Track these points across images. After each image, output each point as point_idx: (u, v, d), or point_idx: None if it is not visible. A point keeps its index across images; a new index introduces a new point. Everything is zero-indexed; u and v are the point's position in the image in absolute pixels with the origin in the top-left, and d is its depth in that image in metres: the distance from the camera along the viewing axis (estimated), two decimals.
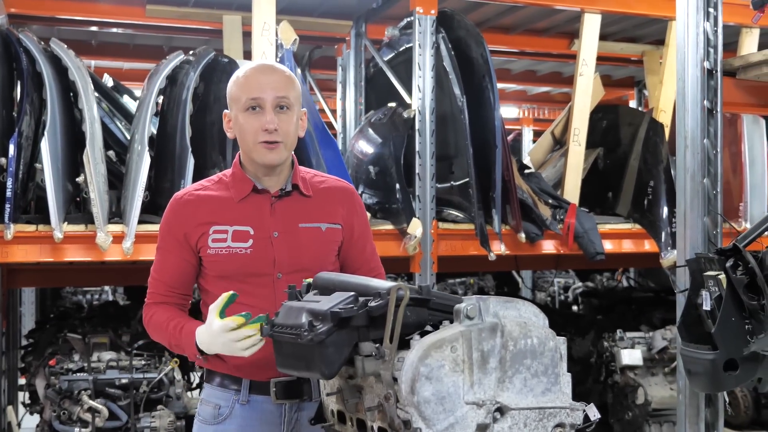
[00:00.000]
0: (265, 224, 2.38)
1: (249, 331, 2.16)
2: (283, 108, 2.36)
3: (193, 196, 2.43)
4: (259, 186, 2.41)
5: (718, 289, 2.80)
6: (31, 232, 4.12)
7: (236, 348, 2.17)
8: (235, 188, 2.42)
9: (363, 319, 1.83)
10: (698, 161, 3.40)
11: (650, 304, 6.60)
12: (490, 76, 4.68)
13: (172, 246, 2.41)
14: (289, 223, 2.40)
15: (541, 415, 1.76)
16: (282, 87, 2.36)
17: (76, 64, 4.27)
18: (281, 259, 2.36)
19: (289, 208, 2.42)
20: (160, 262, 2.44)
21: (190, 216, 2.39)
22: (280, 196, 2.42)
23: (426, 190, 4.75)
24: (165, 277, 2.42)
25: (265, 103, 2.33)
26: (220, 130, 4.42)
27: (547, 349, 1.78)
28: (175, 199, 2.44)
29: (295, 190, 2.43)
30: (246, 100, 2.34)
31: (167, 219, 2.43)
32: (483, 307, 1.75)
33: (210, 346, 2.23)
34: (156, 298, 2.44)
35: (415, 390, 1.68)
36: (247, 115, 2.35)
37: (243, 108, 2.35)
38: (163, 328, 2.37)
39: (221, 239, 2.36)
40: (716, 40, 3.41)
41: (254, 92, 2.34)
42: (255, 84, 2.35)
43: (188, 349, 2.31)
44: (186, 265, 2.40)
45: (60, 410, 4.34)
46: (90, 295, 9.32)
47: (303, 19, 5.61)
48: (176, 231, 2.40)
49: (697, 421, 3.45)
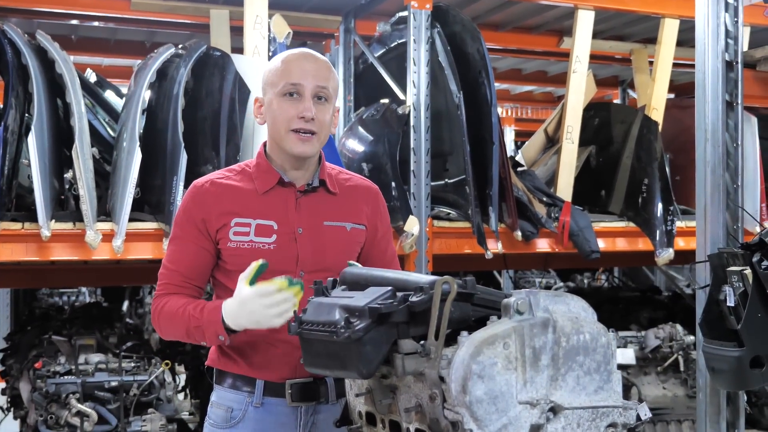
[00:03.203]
0: (290, 220, 2.28)
1: (287, 294, 2.04)
2: (322, 99, 2.26)
3: (214, 185, 2.31)
4: (286, 179, 2.30)
5: (743, 284, 2.74)
6: (17, 230, 4.00)
7: (269, 314, 2.04)
8: (259, 179, 2.30)
9: (403, 314, 1.73)
10: (718, 155, 3.35)
11: (637, 304, 6.59)
12: (487, 71, 4.62)
13: (190, 234, 2.28)
14: (314, 220, 2.30)
15: (594, 414, 1.68)
16: (323, 77, 2.26)
17: (63, 57, 4.16)
18: (304, 257, 2.26)
19: (315, 204, 2.31)
20: (175, 252, 2.30)
21: (211, 204, 2.27)
22: (306, 191, 2.32)
23: (421, 188, 4.68)
24: (181, 267, 2.28)
25: (304, 90, 2.23)
26: (212, 125, 4.34)
27: (599, 345, 1.70)
28: (195, 186, 2.32)
29: (322, 186, 2.33)
30: (285, 84, 2.24)
31: (185, 206, 2.31)
32: (533, 302, 1.67)
33: (237, 317, 2.09)
34: (169, 288, 2.28)
35: (466, 389, 1.59)
36: (284, 101, 2.24)
37: (280, 93, 2.24)
38: (179, 314, 2.21)
39: (244, 233, 2.24)
40: (736, 31, 3.36)
41: (294, 77, 2.23)
42: (297, 69, 2.25)
43: (211, 327, 2.15)
44: (205, 254, 2.27)
45: (47, 414, 4.22)
46: (67, 296, 9.14)
47: (291, 14, 5.49)
48: (195, 218, 2.27)
49: (718, 420, 3.40)
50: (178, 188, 4.01)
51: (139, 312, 8.42)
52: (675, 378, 5.44)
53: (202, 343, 2.24)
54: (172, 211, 3.99)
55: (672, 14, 5.39)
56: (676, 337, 5.42)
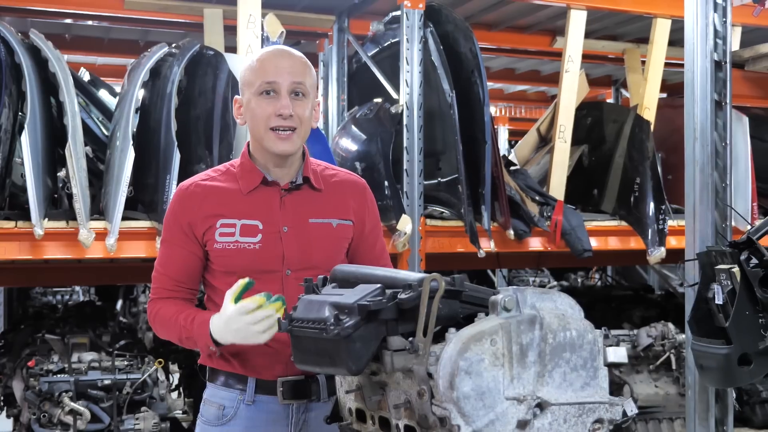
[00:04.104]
0: (275, 218, 2.29)
1: (268, 311, 2.07)
2: (299, 94, 2.26)
3: (199, 187, 2.33)
4: (269, 178, 2.31)
5: (731, 282, 2.76)
6: (10, 228, 4.00)
7: (253, 331, 2.07)
8: (243, 179, 2.32)
9: (392, 312, 1.75)
10: (707, 153, 3.38)
11: (630, 302, 6.61)
12: (480, 71, 4.63)
13: (177, 238, 2.30)
14: (299, 217, 2.31)
15: (580, 410, 1.69)
16: (299, 72, 2.27)
17: (56, 56, 4.16)
18: (290, 255, 2.27)
19: (300, 202, 2.33)
20: (165, 255, 2.34)
21: (197, 207, 2.29)
22: (290, 189, 2.33)
23: (414, 187, 4.70)
24: (171, 271, 2.31)
25: (280, 87, 2.24)
26: (206, 124, 4.34)
27: (585, 342, 1.72)
28: (181, 190, 2.34)
29: (306, 183, 2.34)
30: (260, 83, 2.25)
31: (172, 210, 2.33)
32: (521, 299, 1.69)
33: (224, 334, 2.13)
34: (162, 293, 2.32)
35: (454, 385, 1.61)
36: (261, 100, 2.25)
37: (257, 92, 2.26)
38: (172, 322, 2.26)
39: (229, 233, 2.26)
40: (725, 31, 3.39)
41: (269, 76, 2.24)
42: (271, 67, 2.25)
43: (201, 340, 2.20)
44: (193, 258, 2.30)
45: (40, 413, 4.21)
46: (60, 295, 9.13)
47: (284, 13, 5.50)
48: (182, 222, 2.30)
49: (706, 417, 3.43)
50: (171, 187, 4.02)
51: (133, 311, 8.41)
52: (667, 376, 5.45)
53: (196, 349, 2.29)
54: (165, 209, 3.98)
55: (663, 14, 5.41)
56: (668, 336, 5.43)
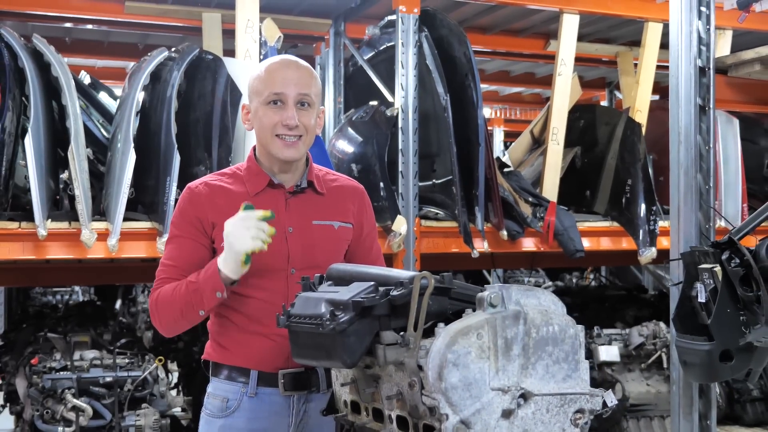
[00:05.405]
0: (280, 220, 2.38)
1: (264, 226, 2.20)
2: (304, 105, 2.38)
3: (208, 186, 2.43)
4: (275, 181, 2.43)
5: (713, 281, 2.86)
6: (14, 229, 4.08)
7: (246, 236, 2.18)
8: (250, 182, 2.43)
9: (385, 308, 1.85)
10: (691, 157, 3.47)
11: (623, 302, 6.69)
12: (473, 74, 4.72)
13: (187, 231, 2.39)
14: (303, 219, 2.42)
15: (562, 401, 1.79)
16: (305, 84, 2.38)
17: (58, 60, 4.24)
18: (295, 255, 2.38)
19: (304, 204, 2.44)
20: (173, 249, 2.40)
21: (206, 204, 2.39)
22: (294, 192, 2.44)
23: (409, 188, 4.78)
24: (179, 262, 2.37)
25: (287, 98, 2.35)
26: (205, 127, 4.42)
27: (567, 336, 1.81)
28: (190, 189, 2.44)
29: (310, 187, 2.46)
30: (268, 94, 2.36)
31: (182, 207, 2.42)
32: (506, 295, 1.78)
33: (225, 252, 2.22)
34: (166, 282, 2.37)
35: (442, 376, 1.70)
36: (268, 109, 2.36)
37: (264, 101, 2.37)
38: (177, 291, 2.30)
39: None
40: (709, 38, 3.49)
41: (277, 87, 2.35)
42: (278, 79, 2.36)
43: (209, 283, 2.25)
44: (203, 249, 2.38)
45: (43, 409, 4.29)
46: (60, 295, 9.21)
47: (282, 17, 5.59)
48: (191, 216, 2.39)
49: (690, 411, 3.53)
50: (172, 188, 4.11)
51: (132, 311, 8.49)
52: (658, 374, 5.51)
53: (200, 312, 2.30)
54: (165, 210, 4.09)
55: (655, 18, 5.49)
56: (659, 335, 5.50)
